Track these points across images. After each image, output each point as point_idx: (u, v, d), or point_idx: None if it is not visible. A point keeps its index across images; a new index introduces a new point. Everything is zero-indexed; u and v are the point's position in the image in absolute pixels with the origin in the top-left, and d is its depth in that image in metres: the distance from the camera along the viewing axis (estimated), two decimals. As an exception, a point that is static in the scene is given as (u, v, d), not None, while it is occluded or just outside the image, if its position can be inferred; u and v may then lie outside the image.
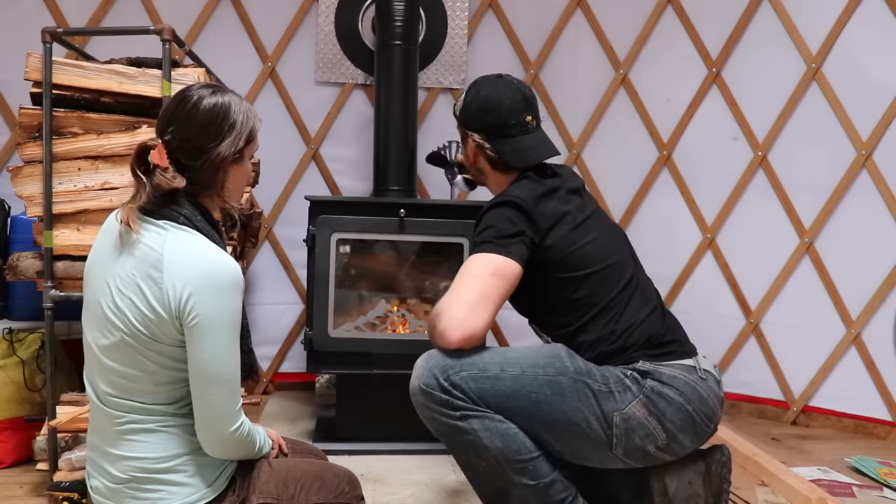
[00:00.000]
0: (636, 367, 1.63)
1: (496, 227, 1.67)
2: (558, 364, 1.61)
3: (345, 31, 3.42)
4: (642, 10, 3.51)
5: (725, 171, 3.45)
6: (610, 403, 1.59)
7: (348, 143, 3.49)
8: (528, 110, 1.83)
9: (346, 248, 2.78)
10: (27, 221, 2.62)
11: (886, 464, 2.71)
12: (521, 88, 1.85)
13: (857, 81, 3.18)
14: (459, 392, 1.56)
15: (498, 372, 1.58)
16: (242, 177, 1.47)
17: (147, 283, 1.31)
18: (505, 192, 1.76)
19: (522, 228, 1.67)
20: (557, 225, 1.70)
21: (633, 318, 1.68)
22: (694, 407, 1.62)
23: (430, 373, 1.58)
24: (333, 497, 1.50)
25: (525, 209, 1.68)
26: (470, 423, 1.56)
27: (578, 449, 1.62)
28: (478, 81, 1.87)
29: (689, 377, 1.64)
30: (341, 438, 2.73)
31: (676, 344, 1.71)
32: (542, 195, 1.73)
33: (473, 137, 1.84)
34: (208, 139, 1.38)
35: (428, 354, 1.63)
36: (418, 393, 1.61)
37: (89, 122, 2.21)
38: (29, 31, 2.41)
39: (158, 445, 1.36)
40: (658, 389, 1.61)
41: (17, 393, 2.46)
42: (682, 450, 1.65)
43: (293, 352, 3.50)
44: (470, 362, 1.59)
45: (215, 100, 1.39)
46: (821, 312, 3.26)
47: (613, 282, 1.71)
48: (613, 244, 1.78)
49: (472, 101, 1.85)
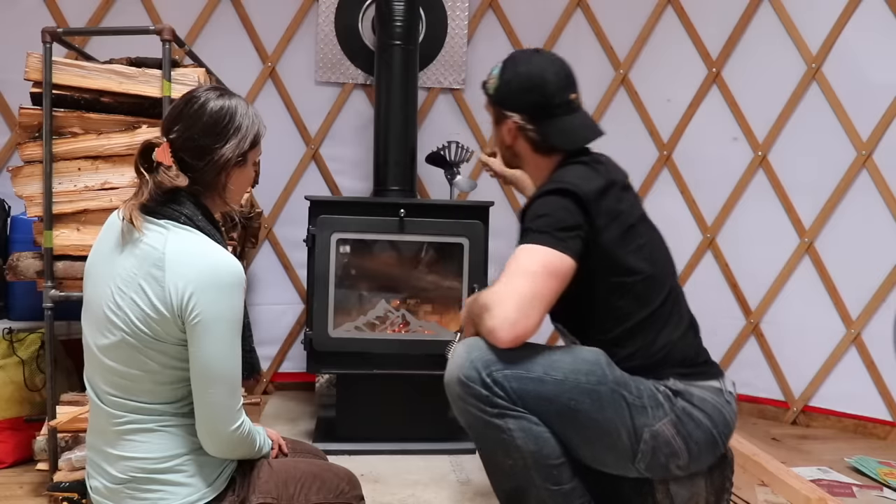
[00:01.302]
0: (668, 385, 1.60)
1: (553, 216, 1.56)
2: (599, 372, 1.56)
3: (345, 31, 3.42)
4: (642, 10, 3.51)
5: (725, 171, 3.45)
6: (642, 418, 1.56)
7: (348, 143, 3.49)
8: (572, 88, 1.72)
9: (346, 248, 2.78)
10: (27, 221, 2.62)
11: (886, 464, 2.71)
12: (563, 64, 1.73)
13: (857, 81, 3.18)
14: (500, 390, 1.52)
15: (541, 374, 1.53)
16: (244, 180, 1.48)
17: (149, 282, 1.31)
18: (561, 179, 1.63)
19: (580, 222, 1.56)
20: (612, 224, 1.61)
21: (670, 335, 1.63)
22: (719, 431, 1.61)
23: (472, 365, 1.52)
24: (333, 497, 1.50)
25: (584, 201, 1.57)
26: (506, 423, 1.52)
27: (601, 456, 1.60)
28: (514, 57, 1.74)
29: (717, 400, 1.62)
30: (341, 438, 2.73)
31: (707, 365, 1.68)
32: (602, 189, 1.61)
33: (513, 118, 1.71)
34: (213, 140, 1.39)
35: (470, 345, 1.57)
36: (456, 383, 1.55)
37: (89, 122, 2.21)
38: (29, 31, 2.41)
39: (158, 445, 1.36)
40: (688, 411, 1.58)
41: (17, 393, 2.46)
42: (698, 469, 1.64)
43: (293, 352, 3.50)
44: (514, 361, 1.53)
45: (222, 102, 1.41)
46: (821, 312, 3.26)
47: (656, 292, 1.65)
48: (659, 251, 1.72)
49: (511, 78, 1.70)
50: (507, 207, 3.53)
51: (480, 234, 2.72)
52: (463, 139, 3.23)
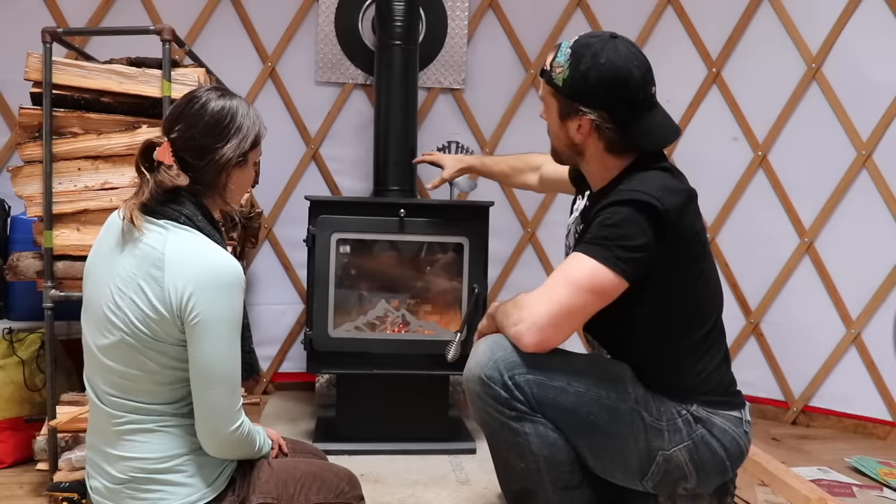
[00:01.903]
0: (690, 411, 1.57)
1: (623, 232, 1.45)
2: (621, 389, 1.54)
3: (345, 31, 3.42)
4: (642, 10, 3.51)
5: (725, 171, 3.45)
6: (658, 441, 1.54)
7: (348, 143, 3.48)
8: (652, 80, 1.57)
9: (346, 248, 2.78)
10: (27, 221, 2.62)
11: (886, 464, 2.71)
12: (641, 53, 1.57)
13: (857, 81, 3.18)
14: (520, 394, 1.50)
15: (564, 384, 1.51)
16: (245, 181, 1.49)
17: (148, 282, 1.31)
18: (644, 188, 1.48)
19: (650, 242, 1.46)
20: (687, 247, 1.53)
21: (707, 364, 1.59)
22: (732, 463, 1.61)
23: (495, 366, 1.50)
24: (333, 497, 1.50)
25: (663, 221, 1.46)
26: (523, 426, 1.51)
27: (611, 470, 1.59)
28: (590, 45, 1.53)
29: (736, 431, 1.60)
30: (341, 438, 2.73)
31: (733, 395, 1.65)
32: (684, 205, 1.51)
33: (589, 116, 1.54)
34: (214, 139, 1.40)
35: (494, 344, 1.53)
36: (476, 382, 1.52)
37: (89, 122, 2.21)
38: (29, 31, 2.41)
39: (158, 445, 1.36)
40: (706, 439, 1.57)
41: (17, 393, 2.46)
42: (704, 491, 1.64)
43: (293, 352, 3.50)
44: (538, 366, 1.50)
45: (223, 102, 1.42)
46: (821, 312, 3.26)
47: (705, 319, 1.59)
48: (716, 276, 1.65)
49: (588, 70, 1.51)
50: (507, 207, 3.53)
51: (480, 234, 2.72)
52: (463, 139, 3.23)
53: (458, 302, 2.77)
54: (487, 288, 2.78)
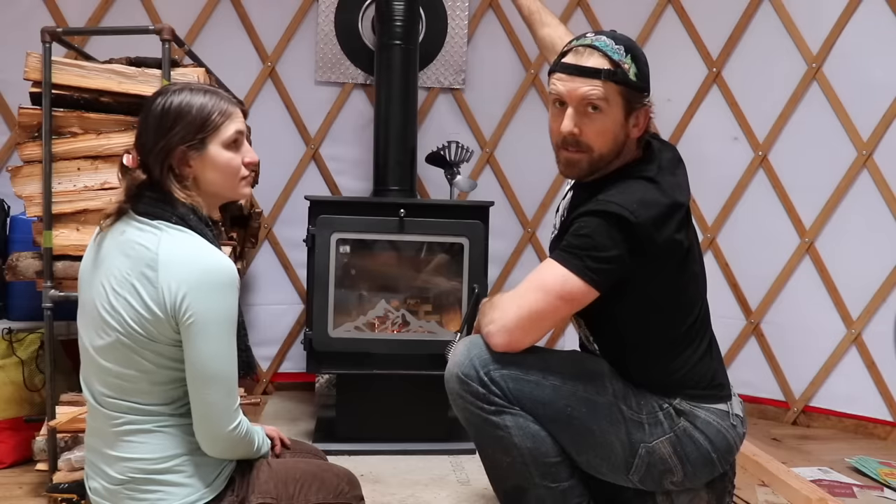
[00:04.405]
0: (673, 404, 1.60)
1: (595, 242, 1.49)
2: (598, 383, 1.58)
3: (345, 30, 3.42)
4: (642, 10, 3.51)
5: (725, 171, 3.45)
6: (639, 434, 1.56)
7: (348, 143, 3.48)
8: None
9: (346, 248, 2.78)
10: (26, 221, 2.62)
11: (887, 464, 2.71)
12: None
13: (858, 81, 3.17)
14: (497, 388, 1.53)
15: (539, 378, 1.55)
16: (217, 165, 1.42)
17: (142, 283, 1.32)
18: (620, 199, 1.50)
19: (622, 255, 1.49)
20: (669, 258, 1.55)
21: (689, 358, 1.61)
22: (719, 455, 1.61)
23: (471, 364, 1.54)
24: (333, 497, 1.50)
25: (636, 235, 1.48)
26: (503, 420, 1.54)
27: (596, 465, 1.61)
28: (620, 38, 1.61)
29: (722, 424, 1.62)
30: (341, 438, 2.73)
31: (718, 388, 1.66)
32: (662, 218, 1.52)
33: (648, 104, 1.62)
34: (159, 135, 1.39)
35: (471, 343, 1.58)
36: (454, 381, 1.57)
37: (89, 121, 2.21)
38: (28, 31, 2.41)
39: (156, 446, 1.36)
40: (689, 432, 1.58)
41: (16, 393, 2.46)
42: (694, 485, 1.64)
43: (293, 352, 3.49)
44: (513, 362, 1.55)
45: (171, 99, 1.40)
46: (821, 312, 3.26)
47: (687, 314, 1.62)
48: (703, 271, 1.67)
49: (642, 59, 1.61)
50: (507, 207, 3.53)
51: (480, 234, 2.72)
52: (463, 139, 3.22)
53: (458, 302, 2.77)
54: (487, 288, 2.78)
